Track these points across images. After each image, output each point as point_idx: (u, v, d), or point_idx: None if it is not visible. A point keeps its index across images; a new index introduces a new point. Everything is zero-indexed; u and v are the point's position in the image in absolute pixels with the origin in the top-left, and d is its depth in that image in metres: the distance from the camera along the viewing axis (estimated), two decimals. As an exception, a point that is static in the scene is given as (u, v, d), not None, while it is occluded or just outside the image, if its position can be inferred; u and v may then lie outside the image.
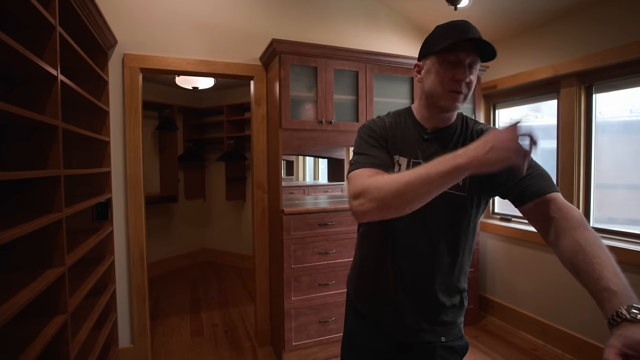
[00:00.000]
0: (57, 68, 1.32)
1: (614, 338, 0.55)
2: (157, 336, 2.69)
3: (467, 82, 0.87)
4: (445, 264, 0.94)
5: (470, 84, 0.88)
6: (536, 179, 0.83)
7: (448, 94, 0.88)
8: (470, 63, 0.86)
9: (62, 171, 1.35)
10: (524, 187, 0.84)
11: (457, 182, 0.76)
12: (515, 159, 0.67)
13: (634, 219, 2.18)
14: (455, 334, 0.99)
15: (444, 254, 0.94)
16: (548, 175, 0.85)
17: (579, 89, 2.32)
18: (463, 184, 0.90)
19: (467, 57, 0.85)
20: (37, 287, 1.11)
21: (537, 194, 0.82)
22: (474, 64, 0.87)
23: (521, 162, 0.68)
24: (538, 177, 0.84)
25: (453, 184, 0.74)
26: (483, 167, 0.69)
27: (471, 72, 0.87)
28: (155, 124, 4.18)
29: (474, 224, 0.96)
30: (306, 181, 3.78)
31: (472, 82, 0.88)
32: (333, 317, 2.28)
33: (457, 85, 0.86)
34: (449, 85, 0.87)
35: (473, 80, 0.88)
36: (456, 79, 0.86)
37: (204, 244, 4.77)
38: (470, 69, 0.87)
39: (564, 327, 2.37)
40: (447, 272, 0.95)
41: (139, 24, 2.22)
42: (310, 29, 2.65)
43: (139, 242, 2.25)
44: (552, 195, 0.81)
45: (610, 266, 0.64)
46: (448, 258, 0.94)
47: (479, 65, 0.90)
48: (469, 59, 0.86)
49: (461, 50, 0.85)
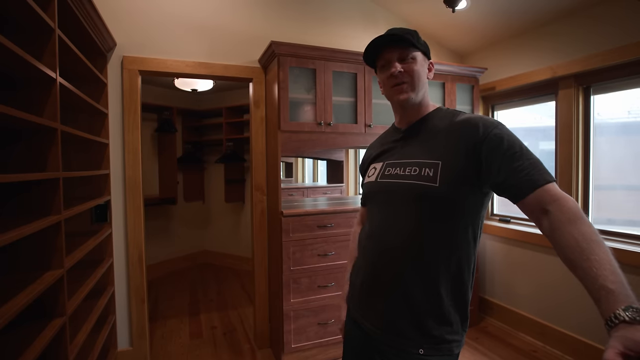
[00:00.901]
0: (56, 71, 1.32)
1: (613, 339, 0.55)
2: (156, 338, 2.68)
3: (402, 71, 0.94)
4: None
5: (410, 71, 0.94)
6: (528, 170, 0.78)
7: (392, 90, 0.97)
8: (399, 57, 0.95)
9: (61, 173, 1.35)
10: (516, 181, 0.78)
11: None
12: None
13: (633, 220, 2.18)
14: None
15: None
16: (540, 164, 0.79)
17: (577, 91, 2.33)
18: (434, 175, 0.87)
19: (392, 55, 0.95)
20: (36, 290, 1.11)
21: (531, 187, 0.77)
22: (404, 55, 0.95)
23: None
24: (530, 167, 0.78)
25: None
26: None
27: (404, 62, 0.95)
28: (154, 126, 4.19)
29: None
30: (305, 183, 3.78)
31: (411, 70, 0.94)
32: (332, 319, 2.28)
33: (394, 79, 0.95)
34: (389, 83, 0.97)
35: (412, 68, 0.94)
36: (390, 76, 0.96)
37: (203, 246, 4.77)
38: (403, 61, 0.95)
39: (564, 329, 2.37)
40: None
41: (138, 27, 2.22)
42: (309, 30, 2.66)
43: (137, 244, 2.25)
44: (546, 186, 0.76)
45: (608, 263, 0.62)
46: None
47: (414, 51, 0.95)
48: (395, 55, 0.95)
49: (385, 51, 0.96)
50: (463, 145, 0.85)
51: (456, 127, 0.89)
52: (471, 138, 0.85)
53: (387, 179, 0.97)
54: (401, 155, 0.98)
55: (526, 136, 2.83)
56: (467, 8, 2.44)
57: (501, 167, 0.80)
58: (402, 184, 0.92)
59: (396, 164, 0.97)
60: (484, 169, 0.83)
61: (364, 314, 0.98)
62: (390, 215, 0.94)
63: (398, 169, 0.95)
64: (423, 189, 0.87)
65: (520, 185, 0.78)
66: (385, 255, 0.92)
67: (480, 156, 0.83)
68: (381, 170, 1.01)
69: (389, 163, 1.00)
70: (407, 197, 0.90)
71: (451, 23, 2.73)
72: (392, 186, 0.94)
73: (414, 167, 0.91)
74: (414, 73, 0.94)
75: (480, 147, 0.83)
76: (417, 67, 0.95)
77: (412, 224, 0.89)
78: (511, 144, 0.81)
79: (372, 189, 1.02)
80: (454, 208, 0.87)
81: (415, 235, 0.88)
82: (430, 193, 0.86)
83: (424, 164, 0.89)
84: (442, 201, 0.86)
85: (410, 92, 0.95)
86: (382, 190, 0.97)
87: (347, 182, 3.45)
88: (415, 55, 0.95)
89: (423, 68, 0.97)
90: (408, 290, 0.88)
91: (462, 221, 0.88)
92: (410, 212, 0.89)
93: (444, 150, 0.88)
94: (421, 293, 0.87)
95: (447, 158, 0.87)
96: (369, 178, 1.05)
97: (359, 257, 1.06)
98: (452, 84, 2.72)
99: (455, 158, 0.86)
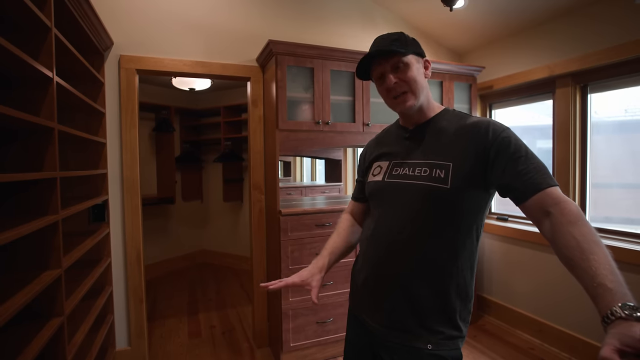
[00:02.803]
0: (53, 70, 1.31)
1: (610, 336, 0.55)
2: (154, 338, 2.68)
3: (398, 82, 0.94)
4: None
5: (406, 80, 0.94)
6: (532, 174, 0.80)
7: (394, 102, 0.98)
8: (391, 67, 0.95)
9: (58, 173, 1.34)
10: (520, 183, 0.81)
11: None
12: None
13: (630, 218, 2.19)
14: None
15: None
16: (544, 169, 0.81)
17: (574, 89, 2.34)
18: (445, 176, 0.88)
19: (384, 67, 0.95)
20: (34, 290, 1.11)
21: (533, 190, 0.79)
22: (395, 65, 0.94)
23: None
24: (534, 171, 0.80)
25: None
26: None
27: (398, 71, 0.94)
28: (152, 126, 4.18)
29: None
30: (303, 182, 3.78)
31: (406, 78, 0.94)
32: (331, 317, 2.28)
33: (393, 92, 0.96)
34: (389, 96, 0.98)
35: (407, 75, 0.94)
36: (388, 89, 0.96)
37: (202, 245, 4.76)
38: (396, 71, 0.95)
39: (561, 327, 2.38)
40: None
41: (136, 26, 2.21)
42: (307, 29, 2.66)
43: (135, 244, 2.25)
44: (549, 190, 0.78)
45: (607, 263, 0.63)
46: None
47: (405, 57, 0.94)
48: (387, 66, 0.95)
49: (376, 65, 0.97)
50: (473, 148, 0.87)
51: (466, 130, 0.90)
52: (481, 141, 0.86)
53: (395, 178, 0.97)
54: (409, 155, 0.98)
55: (524, 135, 2.79)
56: (464, 7, 2.44)
57: (506, 170, 0.83)
58: (412, 184, 0.92)
59: (404, 164, 0.97)
60: (490, 171, 0.85)
61: (367, 310, 0.99)
62: (398, 214, 0.94)
63: (407, 169, 0.95)
64: (434, 190, 0.88)
65: (524, 188, 0.80)
66: (392, 253, 0.93)
67: (488, 159, 0.85)
68: (388, 169, 1.00)
69: (397, 162, 0.99)
70: (418, 197, 0.90)
71: (449, 22, 2.74)
72: (401, 186, 0.95)
73: (424, 168, 0.92)
74: (410, 80, 0.94)
75: (489, 150, 0.85)
76: (411, 73, 0.94)
77: (421, 224, 0.90)
78: (517, 147, 0.83)
79: (379, 188, 1.01)
80: (462, 208, 0.89)
81: (422, 235, 0.90)
82: (441, 194, 0.87)
83: (435, 165, 0.90)
84: (451, 202, 0.88)
85: (412, 100, 0.95)
86: (391, 190, 0.97)
87: (345, 181, 3.45)
88: (408, 61, 0.94)
89: (419, 71, 0.96)
90: (415, 288, 0.90)
91: (468, 221, 0.90)
92: (419, 212, 0.90)
93: (455, 152, 0.89)
94: (427, 291, 0.89)
95: (458, 160, 0.88)
96: (374, 177, 1.04)
97: (360, 255, 1.06)
98: (450, 82, 2.72)
99: (465, 160, 0.87)
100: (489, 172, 0.85)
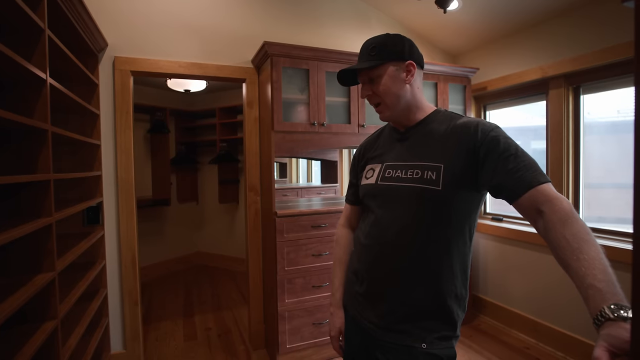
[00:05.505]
0: (47, 71, 1.31)
1: (600, 338, 0.55)
2: (149, 341, 2.66)
3: (371, 94, 0.99)
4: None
5: (378, 93, 0.97)
6: (522, 172, 0.79)
7: (376, 110, 1.02)
8: (368, 78, 0.98)
9: (51, 175, 1.33)
10: (511, 182, 0.80)
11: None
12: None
13: (623, 217, 2.21)
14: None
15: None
16: (535, 166, 0.81)
17: (567, 90, 2.36)
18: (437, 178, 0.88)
19: (362, 78, 1.00)
20: (27, 293, 1.10)
21: (524, 188, 0.78)
22: (371, 76, 0.97)
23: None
24: (524, 169, 0.79)
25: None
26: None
27: (371, 83, 0.98)
28: (147, 127, 4.16)
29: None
30: (299, 183, 3.78)
31: (379, 91, 0.96)
32: (327, 319, 2.28)
33: (370, 102, 1.01)
34: (371, 104, 1.02)
35: (381, 89, 0.96)
36: (368, 100, 1.02)
37: (197, 247, 4.74)
38: (370, 84, 0.98)
39: (556, 326, 2.39)
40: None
41: (130, 27, 2.20)
42: (302, 31, 2.66)
43: (130, 246, 2.23)
44: (540, 187, 0.77)
45: (598, 262, 0.63)
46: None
47: (378, 70, 0.96)
48: (365, 78, 0.99)
49: (358, 74, 1.01)
50: (463, 149, 0.87)
51: (455, 131, 0.91)
52: (470, 141, 0.87)
53: (387, 181, 0.97)
54: (401, 157, 0.98)
55: (517, 135, 2.85)
56: (459, 9, 2.46)
57: (497, 169, 0.82)
58: (404, 186, 0.93)
59: (396, 166, 0.97)
60: (481, 171, 0.85)
61: (362, 311, 0.99)
62: (391, 217, 0.94)
63: (399, 172, 0.95)
64: (426, 192, 0.88)
65: (515, 186, 0.80)
66: (387, 255, 0.94)
67: (478, 158, 0.85)
68: (380, 172, 1.01)
69: (389, 165, 1.00)
70: (410, 199, 0.91)
71: (443, 24, 2.75)
72: (393, 188, 0.95)
73: (416, 170, 0.92)
74: (382, 93, 0.96)
75: (479, 150, 0.85)
76: (384, 86, 0.95)
77: (414, 226, 0.90)
78: (507, 146, 0.83)
79: (372, 191, 1.01)
80: (455, 210, 0.89)
81: (416, 236, 0.90)
82: (433, 196, 0.88)
83: (426, 166, 0.91)
84: (444, 203, 0.88)
85: (386, 112, 0.99)
86: (383, 193, 0.97)
87: (341, 182, 3.45)
88: (380, 73, 0.95)
89: (395, 80, 0.95)
90: (409, 288, 0.90)
91: (461, 221, 0.91)
92: (412, 214, 0.91)
93: (445, 154, 0.89)
94: (422, 291, 0.90)
95: (449, 161, 0.88)
96: (367, 180, 1.04)
97: (354, 257, 1.06)
98: (445, 84, 2.74)
99: (455, 161, 0.87)
100: (480, 172, 0.85)
